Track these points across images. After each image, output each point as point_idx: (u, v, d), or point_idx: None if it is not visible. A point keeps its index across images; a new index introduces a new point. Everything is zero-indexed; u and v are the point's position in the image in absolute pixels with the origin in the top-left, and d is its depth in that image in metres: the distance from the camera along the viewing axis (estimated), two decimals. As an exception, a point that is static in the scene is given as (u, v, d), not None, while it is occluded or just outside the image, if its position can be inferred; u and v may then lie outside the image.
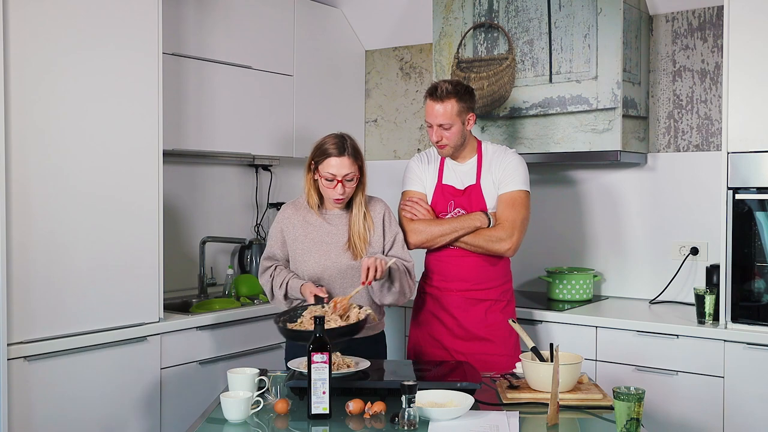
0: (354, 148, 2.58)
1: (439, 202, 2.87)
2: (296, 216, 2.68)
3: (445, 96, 2.74)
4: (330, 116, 4.14)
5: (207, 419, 2.12)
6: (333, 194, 2.57)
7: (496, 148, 2.89)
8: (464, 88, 2.80)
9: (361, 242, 2.61)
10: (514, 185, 2.79)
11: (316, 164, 2.59)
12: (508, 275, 2.94)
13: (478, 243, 2.77)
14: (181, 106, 3.36)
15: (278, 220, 2.71)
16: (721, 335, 2.86)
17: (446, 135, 2.78)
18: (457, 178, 2.87)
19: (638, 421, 1.89)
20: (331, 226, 2.65)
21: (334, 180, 2.55)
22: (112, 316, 2.81)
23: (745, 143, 2.85)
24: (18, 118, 2.52)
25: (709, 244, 3.39)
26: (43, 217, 2.60)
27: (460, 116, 2.77)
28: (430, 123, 2.80)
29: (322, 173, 2.56)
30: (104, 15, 2.77)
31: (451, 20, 3.65)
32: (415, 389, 1.96)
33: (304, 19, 3.96)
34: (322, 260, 2.62)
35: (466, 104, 2.78)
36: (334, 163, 2.54)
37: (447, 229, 2.79)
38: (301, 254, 2.64)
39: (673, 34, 3.51)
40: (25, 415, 2.55)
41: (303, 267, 2.64)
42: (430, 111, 2.78)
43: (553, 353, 2.16)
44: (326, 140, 2.59)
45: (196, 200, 3.84)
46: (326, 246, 2.63)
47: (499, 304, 2.87)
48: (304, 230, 2.65)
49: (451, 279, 2.86)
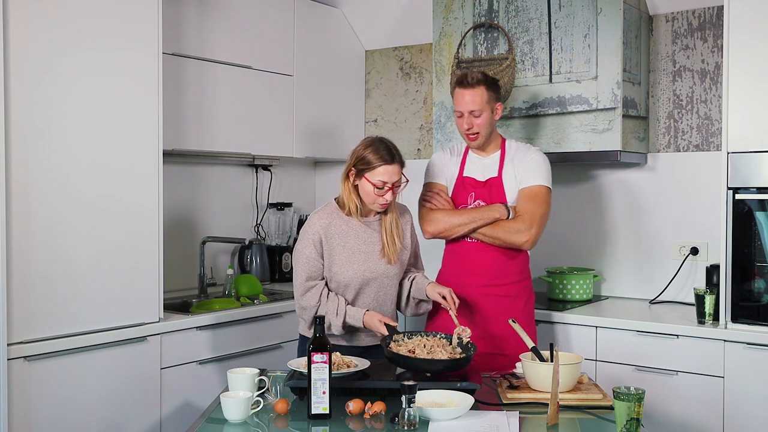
0: (399, 153, 2.57)
1: (459, 193, 2.87)
2: (336, 223, 2.60)
3: (475, 83, 2.78)
4: (330, 116, 4.14)
5: (207, 419, 2.12)
6: (380, 200, 2.55)
7: (519, 144, 2.91)
8: (492, 79, 2.84)
9: (394, 247, 2.62)
10: (536, 180, 2.80)
11: (361, 172, 2.54)
12: (526, 271, 2.92)
13: (497, 234, 2.77)
14: (181, 106, 3.36)
15: (314, 232, 2.57)
16: (721, 335, 2.86)
17: (476, 122, 2.79)
18: (479, 171, 2.87)
19: (638, 421, 1.89)
20: (370, 231, 2.62)
21: (384, 187, 2.53)
22: (112, 316, 2.81)
23: (745, 143, 2.85)
24: (18, 118, 2.52)
25: (709, 244, 3.39)
26: (43, 217, 2.60)
27: (489, 104, 2.80)
28: (460, 111, 2.81)
29: (373, 181, 2.51)
30: (104, 15, 2.77)
31: (451, 20, 3.65)
32: (415, 389, 1.96)
33: (304, 19, 3.96)
34: (362, 267, 2.58)
35: (495, 93, 2.82)
36: (386, 170, 2.51)
37: (465, 219, 2.79)
38: (340, 263, 2.58)
39: (673, 34, 3.51)
40: (25, 415, 2.55)
41: (342, 276, 2.58)
42: (459, 99, 2.80)
43: (553, 353, 2.16)
44: (370, 148, 2.54)
45: (196, 200, 3.84)
46: (365, 254, 2.59)
47: (519, 301, 2.85)
48: (344, 238, 2.59)
49: (470, 273, 2.84)
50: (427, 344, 2.35)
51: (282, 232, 4.18)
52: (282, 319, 3.45)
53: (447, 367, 2.25)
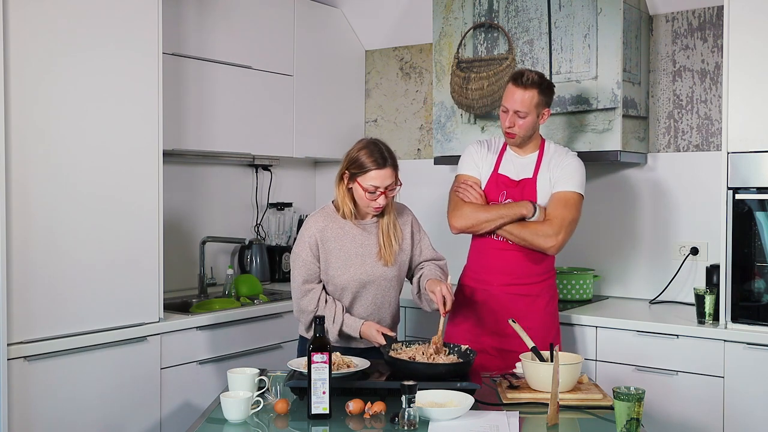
0: (392, 156, 2.51)
1: (492, 190, 2.85)
2: (331, 227, 2.57)
3: (530, 85, 2.75)
4: (330, 116, 4.14)
5: (207, 419, 2.12)
6: (374, 204, 2.51)
7: (558, 148, 2.89)
8: (548, 83, 2.82)
9: (390, 249, 2.58)
10: (570, 186, 2.78)
11: (353, 176, 2.50)
12: (551, 270, 2.90)
13: (524, 235, 2.75)
14: (181, 106, 3.36)
15: (309, 235, 2.56)
16: (721, 335, 2.86)
17: (519, 123, 2.78)
18: (514, 170, 2.85)
19: (638, 421, 1.89)
20: (367, 234, 2.59)
21: (377, 191, 2.49)
22: (112, 316, 2.81)
23: (745, 143, 2.85)
24: (18, 118, 2.52)
25: (709, 244, 3.39)
26: (43, 217, 2.60)
27: (537, 108, 2.78)
28: (506, 108, 2.79)
29: (364, 185, 2.47)
30: (104, 15, 2.77)
31: (451, 20, 3.65)
32: (415, 389, 1.96)
33: (304, 19, 3.96)
34: (359, 271, 2.56)
35: (546, 98, 2.80)
36: (377, 175, 2.46)
37: (493, 215, 2.77)
38: (337, 266, 2.55)
39: (673, 34, 3.51)
40: (25, 415, 2.55)
41: (339, 279, 2.56)
42: (509, 96, 2.77)
43: (553, 353, 2.16)
44: (363, 151, 2.49)
45: (196, 200, 3.84)
46: (362, 257, 2.56)
47: (541, 300, 2.84)
48: (340, 242, 2.56)
49: (493, 271, 2.83)
50: (426, 351, 2.36)
51: (282, 232, 4.18)
52: (282, 319, 3.45)
53: (447, 371, 2.25)
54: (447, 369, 2.25)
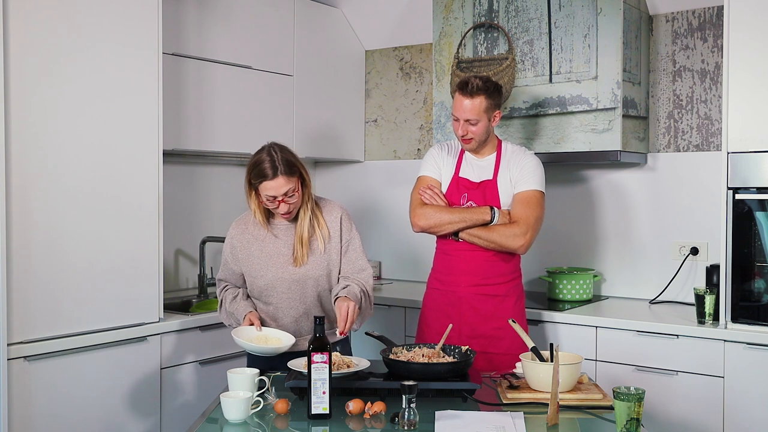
0: (286, 164, 2.45)
1: (453, 193, 2.88)
2: (244, 234, 2.62)
3: (475, 92, 2.77)
4: (330, 116, 4.14)
5: (207, 419, 2.12)
6: (277, 212, 2.52)
7: (515, 148, 2.92)
8: (494, 86, 2.83)
9: (302, 249, 2.55)
10: (530, 185, 2.81)
11: (252, 185, 2.50)
12: (517, 270, 2.94)
13: (492, 238, 2.78)
14: (181, 106, 3.36)
15: (229, 238, 2.65)
16: (721, 335, 2.86)
17: (472, 130, 2.80)
18: (474, 173, 2.89)
19: (638, 421, 1.89)
20: (279, 239, 2.59)
21: (275, 200, 2.48)
22: (112, 316, 2.81)
23: (745, 143, 2.85)
24: (18, 118, 2.52)
25: (709, 244, 3.39)
26: (43, 217, 2.60)
27: (487, 113, 2.80)
28: (456, 117, 2.82)
29: (262, 196, 2.48)
30: (104, 15, 2.77)
31: (451, 20, 3.65)
32: (415, 389, 1.96)
33: (304, 19, 3.96)
34: (271, 275, 2.56)
35: (494, 101, 2.81)
36: (270, 185, 2.44)
37: (456, 218, 2.80)
38: (254, 271, 2.59)
39: (673, 34, 3.51)
40: (25, 415, 2.55)
41: (258, 282, 2.59)
42: (458, 105, 2.80)
43: (553, 353, 2.16)
44: (255, 159, 2.48)
45: (196, 200, 3.84)
46: (276, 259, 2.57)
47: (509, 300, 2.87)
48: (254, 246, 2.59)
49: (459, 272, 2.86)
50: (425, 354, 2.36)
51: (282, 232, 4.17)
52: (282, 319, 3.45)
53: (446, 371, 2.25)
54: (445, 369, 2.25)
